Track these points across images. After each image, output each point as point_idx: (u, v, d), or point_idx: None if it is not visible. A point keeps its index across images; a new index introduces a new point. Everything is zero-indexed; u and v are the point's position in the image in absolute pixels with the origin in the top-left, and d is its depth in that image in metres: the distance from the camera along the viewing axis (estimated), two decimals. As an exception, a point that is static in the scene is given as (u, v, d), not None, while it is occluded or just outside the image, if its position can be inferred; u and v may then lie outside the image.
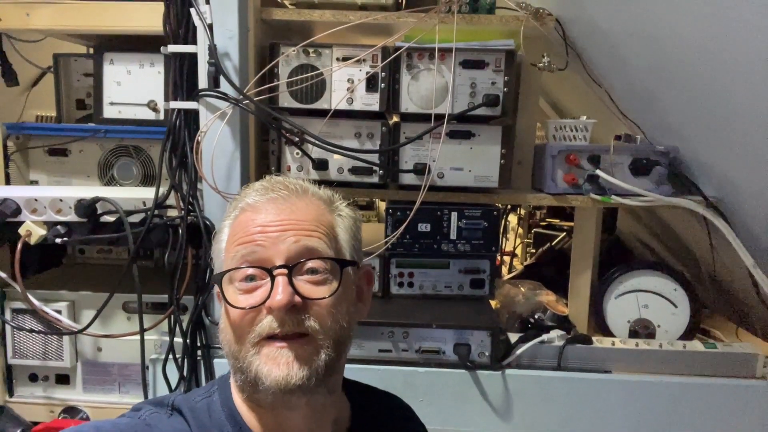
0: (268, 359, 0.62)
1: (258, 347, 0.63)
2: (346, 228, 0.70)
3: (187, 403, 0.68)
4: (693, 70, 1.11)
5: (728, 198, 1.23)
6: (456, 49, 1.19)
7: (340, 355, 0.67)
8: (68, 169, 1.37)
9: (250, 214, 0.67)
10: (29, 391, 1.31)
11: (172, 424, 0.66)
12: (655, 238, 1.77)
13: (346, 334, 0.68)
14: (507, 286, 1.52)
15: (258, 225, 0.65)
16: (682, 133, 1.27)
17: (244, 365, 0.63)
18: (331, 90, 1.22)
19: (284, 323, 0.62)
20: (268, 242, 0.64)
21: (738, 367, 1.19)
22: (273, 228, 0.65)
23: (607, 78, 1.37)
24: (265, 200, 0.67)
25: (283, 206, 0.66)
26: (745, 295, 1.39)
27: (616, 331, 1.32)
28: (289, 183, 0.70)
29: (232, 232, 0.68)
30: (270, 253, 0.64)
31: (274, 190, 0.68)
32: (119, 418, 0.67)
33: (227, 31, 1.13)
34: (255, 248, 0.64)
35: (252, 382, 0.63)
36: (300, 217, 0.66)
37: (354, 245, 0.71)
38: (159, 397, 0.72)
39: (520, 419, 1.19)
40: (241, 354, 0.64)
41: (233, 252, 0.66)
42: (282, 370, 0.61)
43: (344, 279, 0.66)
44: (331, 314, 0.64)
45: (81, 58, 1.42)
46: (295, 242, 0.64)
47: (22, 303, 1.23)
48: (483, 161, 1.25)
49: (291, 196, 0.68)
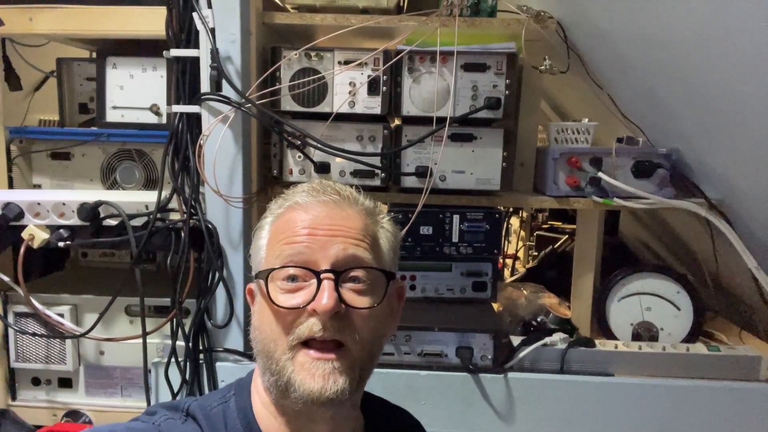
0: (302, 369, 0.61)
1: (294, 352, 0.62)
2: (387, 241, 0.70)
3: (201, 409, 0.67)
4: (695, 72, 1.11)
5: (731, 200, 1.23)
6: (457, 52, 1.19)
7: (372, 369, 0.67)
8: (71, 172, 1.38)
9: (299, 213, 0.66)
10: (32, 395, 1.31)
11: (186, 430, 0.65)
12: (657, 241, 1.77)
13: (379, 348, 0.68)
14: (509, 289, 1.52)
15: (307, 226, 0.64)
16: (685, 135, 1.27)
17: (278, 368, 0.62)
18: (332, 93, 1.23)
19: (327, 328, 0.61)
20: (316, 245, 0.63)
21: (741, 370, 1.19)
22: (322, 231, 0.64)
23: (608, 80, 1.37)
24: (316, 202, 0.66)
25: (334, 211, 0.66)
26: (749, 297, 1.38)
27: (619, 334, 1.32)
28: (340, 188, 0.69)
29: (277, 230, 0.67)
30: (317, 257, 0.63)
31: (325, 193, 0.67)
32: (133, 422, 0.66)
33: (229, 35, 1.13)
34: (303, 249, 0.63)
35: (283, 387, 0.62)
36: (349, 225, 0.65)
37: (393, 259, 0.71)
38: (174, 401, 0.72)
39: (523, 423, 1.18)
40: (276, 355, 0.63)
41: (278, 250, 0.65)
42: (317, 382, 0.60)
43: (388, 291, 0.66)
44: (370, 326, 0.64)
45: (84, 63, 1.43)
46: (344, 249, 0.63)
47: (25, 307, 1.24)
48: (485, 164, 1.25)
49: (342, 202, 0.67)
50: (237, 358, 1.20)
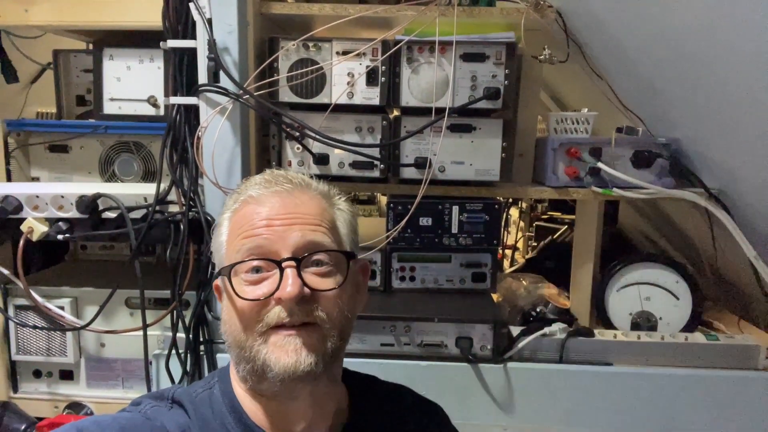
0: (275, 347, 0.63)
1: (265, 336, 0.63)
2: (345, 222, 0.72)
3: (187, 395, 0.69)
4: (695, 61, 1.11)
5: (730, 189, 1.23)
6: (456, 42, 1.18)
7: (344, 344, 0.68)
8: (69, 165, 1.37)
9: (254, 206, 0.67)
10: (33, 387, 1.32)
11: (173, 416, 0.66)
12: (656, 231, 1.77)
13: (350, 324, 0.69)
14: (509, 279, 1.52)
15: (263, 218, 0.65)
16: (684, 125, 1.26)
17: (251, 354, 0.64)
18: (331, 84, 1.22)
19: (293, 313, 0.63)
20: (274, 236, 0.64)
21: (740, 359, 1.19)
22: (279, 222, 0.65)
23: (608, 70, 1.36)
24: (269, 193, 0.67)
25: (288, 200, 0.67)
26: (747, 286, 1.39)
27: (618, 323, 1.32)
28: (292, 177, 0.70)
29: (234, 225, 0.68)
30: (277, 247, 0.64)
31: (277, 184, 0.68)
32: (119, 413, 0.67)
33: (226, 26, 1.12)
34: (262, 242, 0.64)
35: (259, 371, 0.63)
36: (304, 211, 0.67)
37: (353, 239, 0.72)
38: (159, 390, 0.73)
39: (522, 412, 1.19)
40: (247, 344, 0.64)
41: (238, 245, 0.66)
42: (291, 357, 0.62)
43: (349, 271, 0.67)
44: (337, 304, 0.65)
45: (80, 54, 1.42)
46: (302, 236, 0.65)
47: (25, 300, 1.24)
48: (484, 155, 1.25)
49: (295, 190, 0.68)
50: (237, 349, 1.20)
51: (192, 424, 0.66)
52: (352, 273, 0.69)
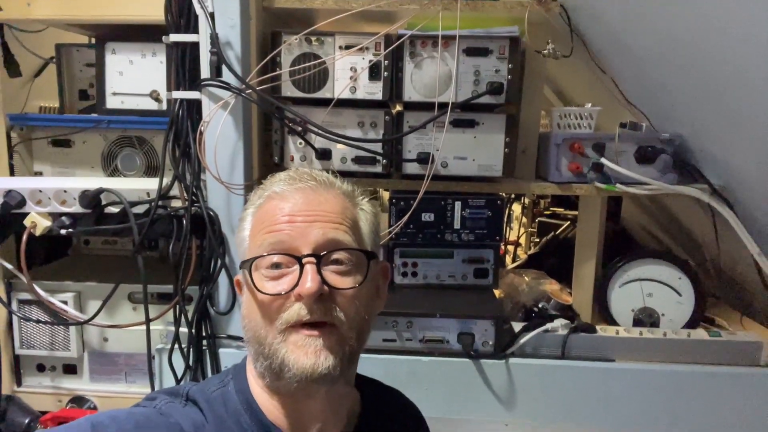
0: (296, 347, 0.63)
1: (285, 334, 0.63)
2: (367, 222, 0.72)
3: (202, 393, 0.69)
4: (699, 57, 1.10)
5: (734, 186, 1.23)
6: (459, 37, 1.18)
7: (361, 346, 0.68)
8: (72, 160, 1.37)
9: (278, 202, 0.67)
10: (37, 381, 1.32)
11: (188, 413, 0.66)
12: (659, 227, 1.76)
13: (367, 326, 0.69)
14: (511, 275, 1.52)
15: (286, 214, 0.66)
16: (688, 121, 1.26)
17: (270, 351, 0.64)
18: (333, 79, 1.22)
19: (313, 311, 0.63)
20: (296, 232, 0.65)
21: (742, 356, 1.19)
22: (301, 218, 0.65)
23: (612, 65, 1.35)
24: (293, 189, 0.68)
25: (311, 197, 0.67)
26: (750, 283, 1.38)
27: (620, 320, 1.32)
28: (316, 174, 0.70)
29: (257, 220, 0.68)
30: (298, 243, 0.64)
31: (302, 181, 0.69)
32: (134, 407, 0.67)
33: (229, 20, 1.12)
34: (283, 237, 0.65)
35: (276, 369, 0.63)
36: (327, 209, 0.67)
37: (374, 239, 0.72)
38: (173, 386, 0.73)
39: (524, 408, 1.19)
40: (267, 340, 0.64)
41: (260, 240, 0.66)
42: (310, 358, 0.62)
43: (369, 270, 0.67)
44: (355, 305, 0.65)
45: (83, 48, 1.42)
46: (323, 233, 0.65)
47: (28, 294, 1.24)
48: (487, 150, 1.25)
49: (318, 188, 0.68)
50: (240, 344, 1.21)
51: (206, 422, 0.66)
52: (372, 273, 0.69)
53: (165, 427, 0.63)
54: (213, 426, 0.66)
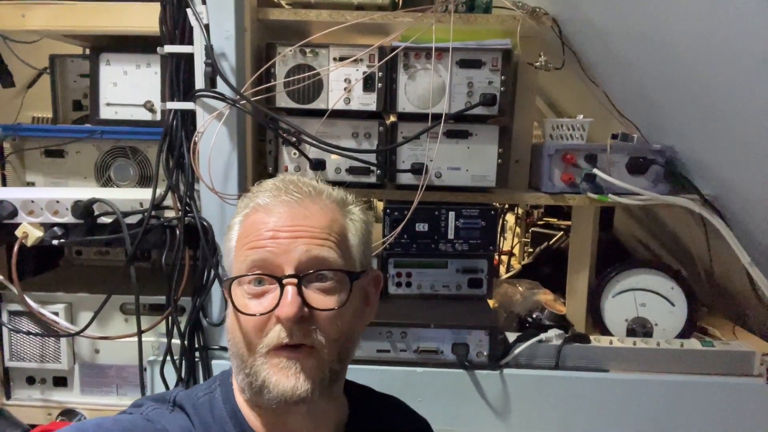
0: (277, 369, 0.62)
1: (266, 357, 0.63)
2: (357, 233, 0.69)
3: (189, 399, 0.68)
4: (689, 68, 1.12)
5: (725, 196, 1.24)
6: (453, 49, 1.19)
7: (344, 364, 0.68)
8: (65, 170, 1.37)
9: (262, 215, 0.66)
10: (27, 394, 1.31)
11: (175, 420, 0.66)
12: (652, 237, 1.77)
13: (351, 344, 0.68)
14: (505, 285, 1.52)
15: (269, 229, 0.64)
16: (679, 132, 1.27)
17: (252, 371, 0.63)
18: (328, 90, 1.22)
19: (292, 334, 0.62)
20: (279, 249, 0.63)
21: (735, 365, 1.20)
22: (285, 234, 0.64)
23: (603, 77, 1.37)
24: (277, 202, 0.66)
25: (296, 210, 0.65)
26: (742, 293, 1.39)
27: (614, 329, 1.32)
28: (302, 185, 0.68)
29: (242, 233, 0.67)
30: (280, 261, 0.63)
31: (287, 192, 0.67)
32: (121, 415, 0.67)
33: (224, 32, 1.12)
34: (265, 254, 0.63)
35: (257, 389, 0.63)
36: (312, 224, 0.65)
37: (364, 251, 0.70)
38: (160, 393, 0.72)
39: (519, 419, 1.19)
40: (248, 360, 0.64)
41: (243, 255, 0.65)
42: (290, 380, 0.61)
43: (353, 290, 0.66)
44: (337, 326, 0.64)
45: (77, 59, 1.42)
46: (306, 251, 0.63)
47: (18, 305, 1.23)
48: (480, 161, 1.25)
49: (304, 200, 0.66)
50: (233, 355, 1.20)
51: (193, 428, 0.66)
52: (358, 290, 0.67)
53: None
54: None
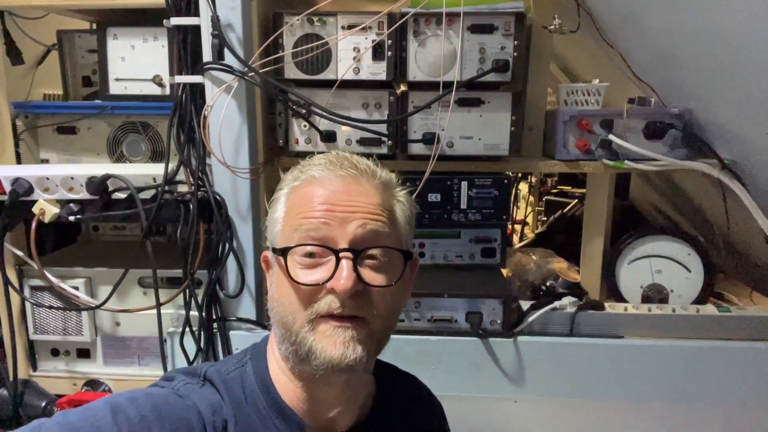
0: (324, 336, 0.62)
1: (313, 324, 0.63)
2: (404, 215, 0.70)
3: (218, 374, 0.69)
4: (708, 30, 1.08)
5: (744, 160, 1.21)
6: (464, 13, 1.16)
7: (388, 340, 0.69)
8: (78, 146, 1.37)
9: (317, 187, 0.65)
10: (52, 365, 1.35)
11: (205, 395, 0.66)
12: (668, 203, 1.75)
13: (395, 321, 0.69)
14: (518, 254, 1.52)
15: (324, 202, 0.64)
16: (697, 95, 1.24)
17: (297, 339, 0.64)
18: (337, 60, 1.20)
19: (345, 305, 0.62)
20: (334, 222, 0.63)
21: (752, 331, 1.19)
22: (340, 207, 0.63)
23: (620, 39, 1.33)
24: (333, 176, 0.65)
25: (352, 186, 0.65)
26: (760, 258, 1.38)
27: (629, 296, 1.32)
28: (357, 162, 0.68)
29: (293, 203, 0.67)
30: (335, 233, 0.63)
31: (342, 167, 0.66)
32: (152, 388, 0.68)
33: (230, 1, 1.10)
34: (320, 225, 0.63)
35: (303, 356, 0.63)
36: (367, 200, 0.65)
37: (408, 232, 0.71)
38: (190, 366, 0.73)
39: (533, 385, 1.20)
40: (295, 327, 0.64)
41: (296, 224, 0.65)
42: (338, 348, 0.62)
43: (405, 271, 0.66)
44: (387, 302, 0.65)
45: (84, 34, 1.41)
46: (361, 226, 0.63)
47: (40, 280, 1.26)
48: (493, 129, 1.23)
49: (360, 177, 0.66)
50: (250, 326, 1.22)
51: (224, 403, 0.66)
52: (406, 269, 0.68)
53: (182, 409, 0.63)
54: (230, 407, 0.66)
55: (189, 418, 0.63)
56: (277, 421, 0.67)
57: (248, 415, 0.67)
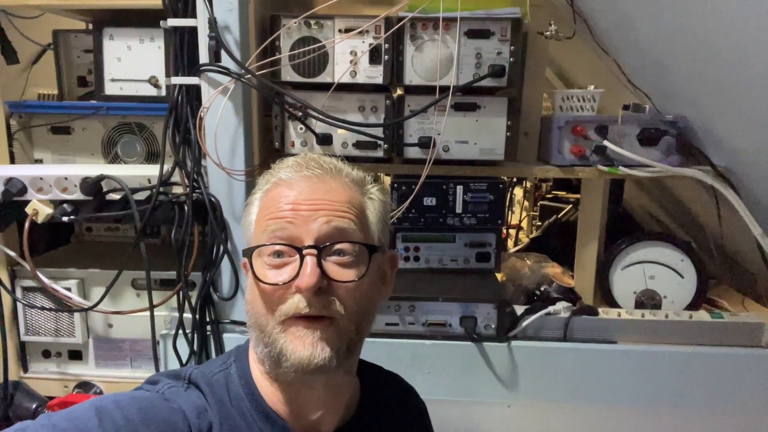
0: (294, 338, 0.63)
1: (284, 325, 0.63)
2: (375, 211, 0.70)
3: (203, 376, 0.69)
4: (702, 38, 1.09)
5: (737, 167, 1.22)
6: (461, 18, 1.16)
7: (361, 338, 0.68)
8: (72, 147, 1.37)
9: (283, 189, 0.66)
10: (43, 367, 1.34)
11: (190, 398, 0.66)
12: (662, 209, 1.76)
13: (369, 317, 0.69)
14: (513, 259, 1.52)
15: (290, 202, 0.65)
16: (692, 102, 1.25)
17: (269, 340, 0.64)
18: (333, 63, 1.20)
19: (311, 304, 0.62)
20: (299, 220, 0.64)
21: (744, 337, 1.20)
22: (305, 206, 0.64)
23: (615, 46, 1.34)
24: (298, 177, 0.67)
25: (317, 185, 0.66)
26: (752, 265, 1.38)
27: (622, 302, 1.33)
28: (323, 162, 0.69)
29: (263, 206, 0.68)
30: (300, 232, 0.64)
31: (308, 168, 0.67)
32: (137, 391, 0.67)
33: (227, 3, 1.10)
34: (285, 225, 0.64)
35: (275, 358, 0.64)
36: (332, 198, 0.66)
37: (382, 229, 0.71)
38: (175, 369, 0.73)
39: (526, 390, 1.20)
40: (267, 328, 0.64)
41: (263, 226, 0.66)
42: (307, 349, 0.62)
43: (371, 264, 0.66)
44: (356, 298, 0.65)
45: (80, 34, 1.40)
46: (326, 223, 0.64)
47: (32, 281, 1.25)
48: (489, 134, 1.24)
49: (325, 176, 0.67)
50: (243, 329, 1.21)
51: (209, 406, 0.66)
52: (376, 265, 0.68)
53: (168, 412, 0.63)
54: (215, 410, 0.66)
55: (175, 421, 0.62)
56: (262, 423, 0.67)
57: (233, 418, 0.67)
